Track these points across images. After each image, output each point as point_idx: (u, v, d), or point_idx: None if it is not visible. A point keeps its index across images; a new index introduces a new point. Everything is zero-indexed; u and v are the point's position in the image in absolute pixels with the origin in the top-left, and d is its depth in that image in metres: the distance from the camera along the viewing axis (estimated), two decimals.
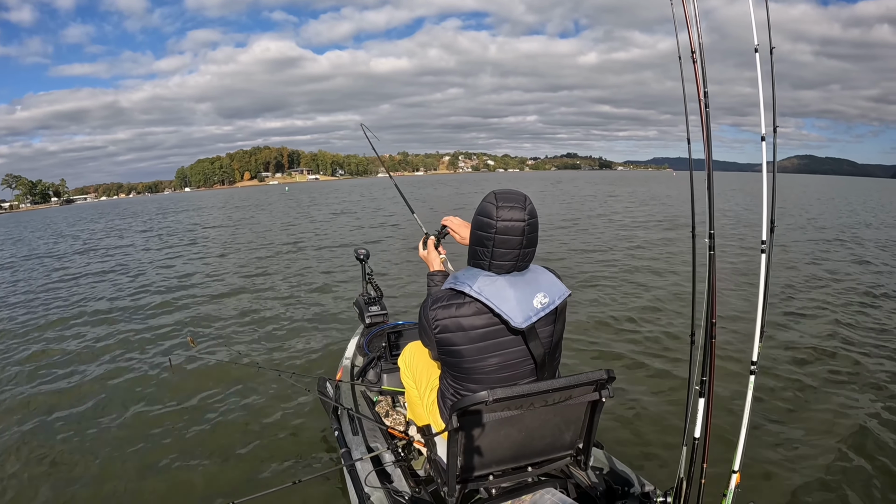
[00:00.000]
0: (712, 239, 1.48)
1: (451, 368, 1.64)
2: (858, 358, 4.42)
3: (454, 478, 1.58)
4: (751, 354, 1.65)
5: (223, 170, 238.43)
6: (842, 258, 9.42)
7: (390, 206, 25.25)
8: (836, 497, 2.65)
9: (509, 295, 1.49)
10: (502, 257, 1.50)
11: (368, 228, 16.28)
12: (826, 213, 20.01)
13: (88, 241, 17.60)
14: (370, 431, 2.30)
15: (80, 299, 7.88)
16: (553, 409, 1.58)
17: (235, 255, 11.81)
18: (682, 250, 9.68)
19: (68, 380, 4.51)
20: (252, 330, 5.74)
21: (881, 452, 3.00)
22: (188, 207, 39.88)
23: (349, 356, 3.23)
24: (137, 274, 9.90)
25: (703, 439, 1.52)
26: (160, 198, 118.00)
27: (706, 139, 1.41)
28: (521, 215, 1.47)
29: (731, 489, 1.62)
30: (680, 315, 5.60)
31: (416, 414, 2.02)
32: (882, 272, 8.21)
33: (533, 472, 1.74)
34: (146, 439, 3.41)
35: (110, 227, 23.92)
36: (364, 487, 1.92)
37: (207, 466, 3.10)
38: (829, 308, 5.99)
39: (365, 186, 71.01)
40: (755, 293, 1.60)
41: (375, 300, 3.56)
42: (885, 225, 15.55)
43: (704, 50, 1.46)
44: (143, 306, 7.13)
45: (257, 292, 7.71)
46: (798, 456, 2.99)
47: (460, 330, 1.53)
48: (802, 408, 3.57)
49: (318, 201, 35.07)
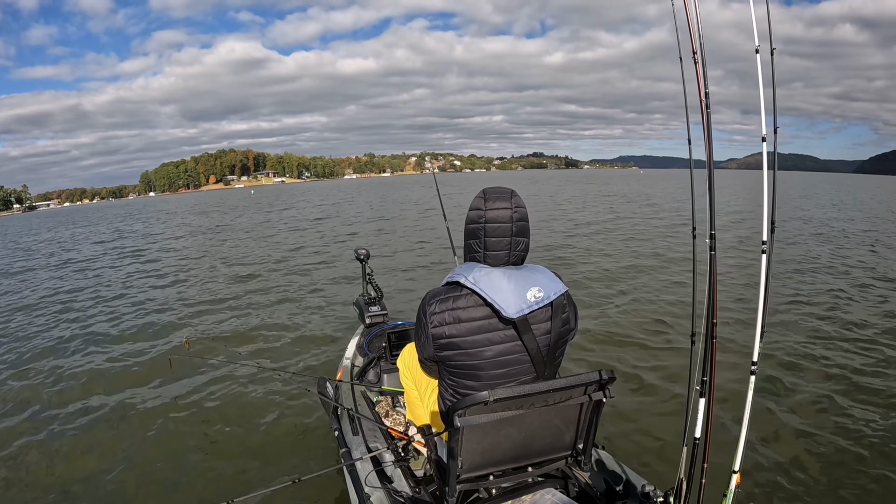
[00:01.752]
0: (713, 239, 1.47)
1: (448, 365, 1.64)
2: (861, 356, 4.43)
3: (454, 478, 1.58)
4: (751, 354, 1.65)
5: (188, 173, 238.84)
6: (841, 254, 9.42)
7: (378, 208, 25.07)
8: (837, 498, 2.65)
9: (503, 286, 1.52)
10: (495, 247, 1.56)
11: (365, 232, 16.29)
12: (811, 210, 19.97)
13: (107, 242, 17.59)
14: (370, 431, 2.30)
15: (79, 300, 7.89)
16: (553, 409, 1.57)
17: (230, 258, 11.81)
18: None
19: (67, 381, 4.51)
20: (251, 331, 5.74)
21: (884, 453, 3.00)
22: (157, 211, 39.09)
23: (349, 356, 3.23)
24: (135, 276, 9.90)
25: (704, 439, 1.52)
26: (125, 203, 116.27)
27: (707, 138, 1.40)
28: (507, 205, 1.56)
29: (731, 489, 1.62)
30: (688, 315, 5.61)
31: (415, 415, 2.02)
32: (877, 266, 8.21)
33: (533, 472, 1.74)
34: (145, 439, 3.42)
35: (113, 230, 23.92)
36: (364, 487, 1.92)
37: (206, 466, 3.10)
38: (830, 304, 5.99)
39: (339, 188, 69.99)
40: (755, 293, 1.60)
41: (375, 300, 3.56)
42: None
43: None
44: (141, 308, 7.14)
45: (255, 293, 7.71)
46: (799, 456, 2.99)
47: (457, 322, 1.55)
48: (803, 408, 3.57)
49: (293, 205, 33.09)
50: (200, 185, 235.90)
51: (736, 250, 9.64)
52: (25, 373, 4.78)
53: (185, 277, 9.37)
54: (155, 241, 16.47)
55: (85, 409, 3.93)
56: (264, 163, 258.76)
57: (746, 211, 17.76)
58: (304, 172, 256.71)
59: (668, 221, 15.24)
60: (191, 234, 18.72)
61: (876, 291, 6.76)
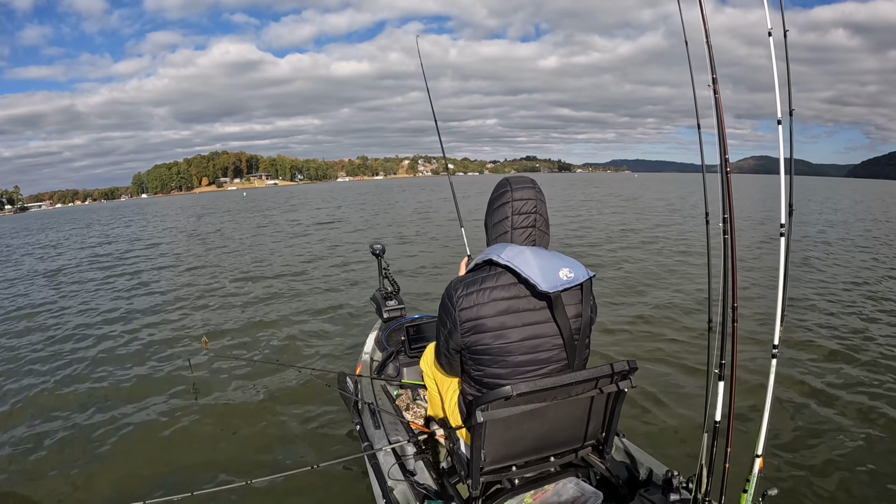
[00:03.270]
0: (726, 223, 1.45)
1: (473, 351, 1.60)
2: (884, 339, 4.35)
3: (478, 471, 1.59)
4: (772, 337, 1.64)
5: (181, 175, 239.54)
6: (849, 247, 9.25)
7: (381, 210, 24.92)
8: (860, 481, 2.63)
9: (535, 263, 1.53)
10: (523, 223, 1.61)
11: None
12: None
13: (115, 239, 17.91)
14: (391, 425, 2.32)
15: (90, 305, 8.05)
16: (576, 400, 1.58)
17: (245, 257, 11.94)
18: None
19: (95, 382, 4.60)
20: (270, 328, 5.82)
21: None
22: (157, 213, 38.94)
23: (368, 351, 3.26)
24: (153, 275, 10.06)
25: (727, 424, 1.51)
26: (118, 205, 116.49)
27: (721, 131, 1.39)
28: (532, 194, 1.62)
29: (754, 473, 1.61)
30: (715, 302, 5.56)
31: (436, 411, 2.03)
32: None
33: (555, 461, 1.75)
34: (168, 428, 3.55)
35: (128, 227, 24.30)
36: (387, 480, 1.94)
37: (225, 453, 3.21)
38: (852, 291, 5.89)
39: (337, 191, 68.53)
40: (774, 276, 1.59)
41: (392, 295, 3.57)
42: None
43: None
44: (157, 308, 7.24)
45: (274, 291, 7.81)
46: (822, 440, 2.96)
47: (486, 302, 1.54)
48: (825, 392, 3.53)
49: (296, 207, 32.61)
50: (193, 187, 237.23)
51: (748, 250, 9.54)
52: (40, 373, 4.88)
53: (195, 280, 9.42)
54: (160, 242, 16.71)
55: (108, 409, 4.01)
56: (257, 165, 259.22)
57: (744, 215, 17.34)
58: (297, 175, 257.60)
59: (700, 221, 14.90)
60: (195, 234, 18.99)
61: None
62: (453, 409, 1.80)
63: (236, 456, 3.17)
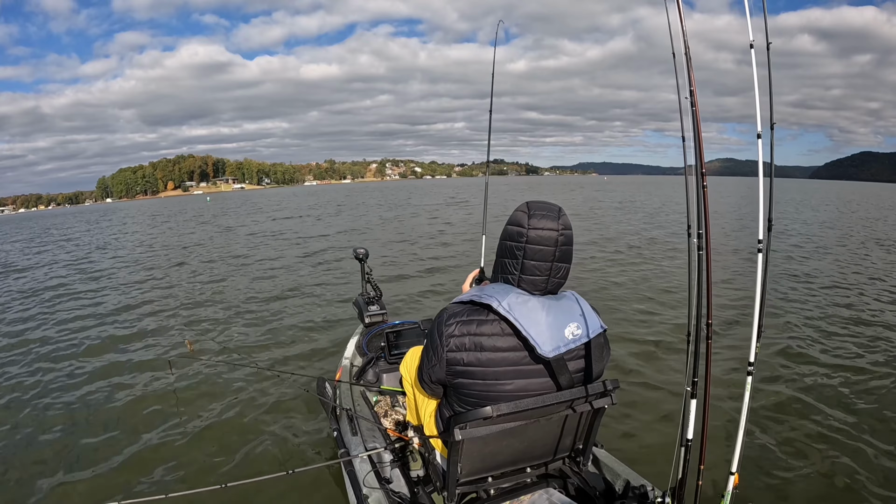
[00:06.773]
0: (701, 238, 1.40)
1: (460, 393, 1.49)
2: (859, 354, 4.41)
3: (454, 484, 1.58)
4: (748, 355, 1.64)
5: (146, 179, 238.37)
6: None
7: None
8: (835, 498, 2.64)
9: (540, 318, 1.36)
10: (532, 271, 1.38)
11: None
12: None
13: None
14: (369, 432, 2.29)
15: (78, 302, 7.91)
16: (557, 416, 1.57)
17: (227, 259, 11.81)
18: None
19: (65, 380, 4.52)
20: (251, 332, 5.75)
21: (880, 452, 2.99)
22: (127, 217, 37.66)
23: (348, 356, 3.22)
24: (131, 279, 9.92)
25: (699, 441, 1.51)
26: (81, 209, 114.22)
27: (698, 140, 1.38)
28: (554, 225, 1.36)
29: (729, 490, 1.61)
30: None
31: (415, 418, 2.00)
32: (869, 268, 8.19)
33: (531, 472, 1.74)
34: (143, 434, 3.46)
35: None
36: (362, 488, 1.92)
37: (202, 456, 3.16)
38: (824, 306, 5.98)
39: (302, 196, 65.24)
40: (751, 294, 1.59)
41: (375, 300, 3.55)
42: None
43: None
44: (137, 310, 7.14)
45: (255, 294, 7.72)
46: (796, 456, 2.98)
47: (479, 350, 1.39)
48: (801, 409, 3.56)
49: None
50: (158, 191, 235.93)
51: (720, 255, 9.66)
52: (26, 363, 4.79)
53: (177, 281, 9.27)
54: (139, 247, 16.49)
55: (86, 401, 4.00)
56: (224, 169, 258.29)
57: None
58: (264, 179, 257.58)
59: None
60: (177, 238, 18.69)
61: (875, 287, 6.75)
62: (430, 419, 1.77)
63: (213, 459, 3.12)
